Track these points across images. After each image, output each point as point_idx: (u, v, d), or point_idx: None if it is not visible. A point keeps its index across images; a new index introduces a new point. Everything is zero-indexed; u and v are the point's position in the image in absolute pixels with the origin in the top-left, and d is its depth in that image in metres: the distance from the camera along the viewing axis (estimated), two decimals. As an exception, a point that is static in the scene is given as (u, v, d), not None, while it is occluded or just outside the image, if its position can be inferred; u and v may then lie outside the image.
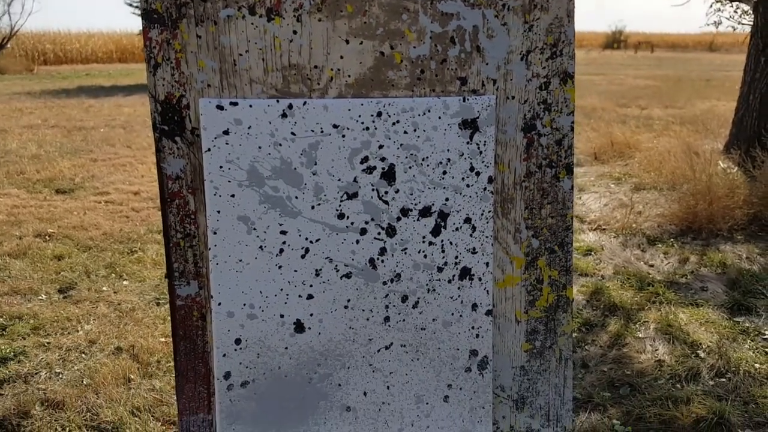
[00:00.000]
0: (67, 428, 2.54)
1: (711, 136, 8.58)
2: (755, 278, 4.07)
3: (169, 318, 3.78)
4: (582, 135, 9.06)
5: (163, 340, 3.39)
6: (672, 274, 4.30)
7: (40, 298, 3.83)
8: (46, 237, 4.91)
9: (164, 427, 2.62)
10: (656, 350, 3.27)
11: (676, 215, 5.26)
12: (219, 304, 1.16)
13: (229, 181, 1.13)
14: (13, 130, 9.68)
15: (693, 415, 2.64)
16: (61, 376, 2.96)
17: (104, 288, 4.07)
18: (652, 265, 4.48)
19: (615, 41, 41.35)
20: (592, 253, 4.69)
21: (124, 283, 4.20)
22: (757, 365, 3.05)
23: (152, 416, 2.68)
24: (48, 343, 3.26)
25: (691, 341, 3.32)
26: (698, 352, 3.22)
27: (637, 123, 10.24)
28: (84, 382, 2.89)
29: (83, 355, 3.17)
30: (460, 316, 1.24)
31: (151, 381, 2.97)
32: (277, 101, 1.13)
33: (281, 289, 1.17)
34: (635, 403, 2.77)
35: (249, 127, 1.13)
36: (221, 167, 1.13)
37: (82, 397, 2.76)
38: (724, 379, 2.96)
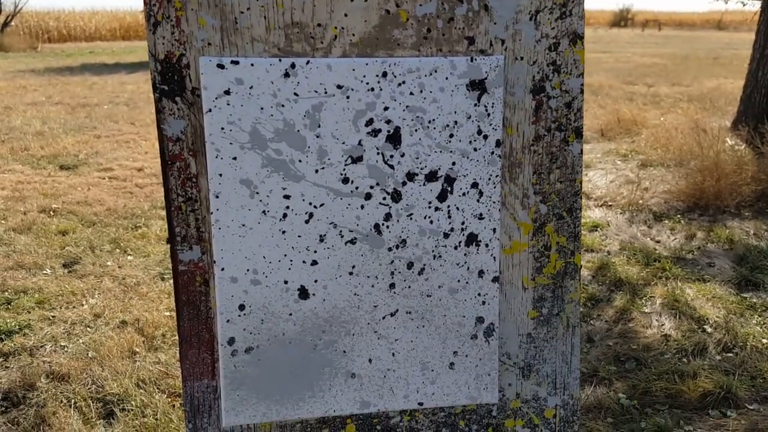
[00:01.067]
0: (73, 400, 2.54)
1: (718, 113, 8.50)
2: (763, 254, 4.04)
3: (173, 292, 3.76)
4: (589, 112, 8.99)
5: (167, 314, 3.38)
6: (679, 250, 4.27)
7: (45, 272, 3.83)
8: (51, 212, 4.90)
9: (169, 399, 2.62)
10: (662, 325, 3.25)
11: (683, 192, 5.22)
12: (222, 269, 1.14)
13: (230, 143, 1.11)
14: (18, 107, 9.65)
15: (700, 390, 2.62)
16: (66, 349, 2.96)
17: (109, 263, 4.06)
18: (658, 241, 4.45)
19: (622, 19, 40.95)
20: (599, 229, 4.66)
21: (129, 258, 4.19)
22: (764, 340, 3.03)
23: (157, 388, 2.68)
24: (53, 316, 3.26)
25: (698, 316, 3.30)
26: (705, 327, 3.20)
27: (644, 100, 10.16)
28: (89, 355, 2.89)
29: (88, 328, 3.17)
30: (467, 282, 1.22)
31: (156, 354, 2.97)
32: (280, 60, 1.10)
33: (285, 255, 1.15)
34: (641, 377, 2.76)
35: (251, 87, 1.10)
36: (222, 129, 1.10)
37: (87, 370, 2.76)
38: (731, 354, 2.95)
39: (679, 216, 4.93)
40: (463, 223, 1.20)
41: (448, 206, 1.19)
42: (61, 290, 3.56)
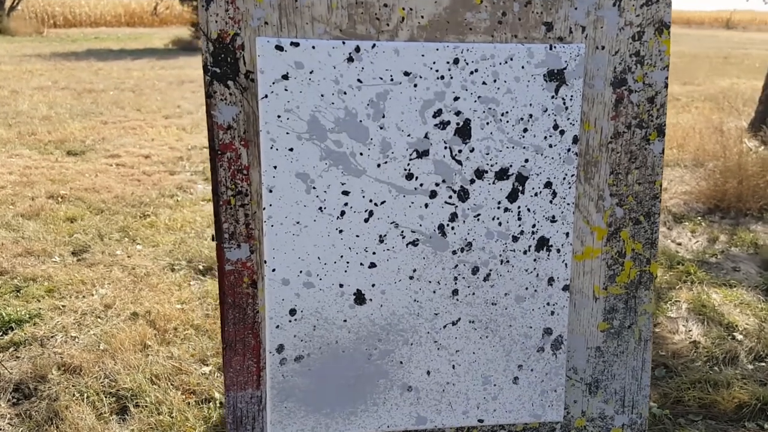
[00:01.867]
0: (85, 394, 2.45)
1: (734, 113, 8.38)
2: (790, 260, 3.94)
3: (185, 285, 3.66)
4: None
5: (179, 306, 3.29)
6: (701, 253, 4.17)
7: (54, 260, 3.74)
8: (59, 198, 4.80)
9: (184, 396, 2.53)
10: (690, 331, 3.16)
11: (703, 193, 5.11)
12: (273, 270, 1.04)
13: (287, 133, 1.01)
14: (24, 91, 9.55)
15: (735, 400, 2.53)
16: (77, 340, 2.86)
17: (118, 252, 3.97)
18: (679, 243, 4.36)
19: (630, 17, 40.58)
20: (618, 229, 4.55)
21: (138, 247, 4.10)
22: (798, 349, 2.93)
23: (172, 384, 2.59)
24: (63, 306, 3.17)
25: (727, 323, 3.21)
26: (735, 334, 3.10)
27: (657, 99, 10.01)
28: (101, 347, 2.80)
29: (99, 319, 3.08)
30: (535, 290, 1.12)
31: (169, 348, 2.88)
32: (343, 43, 1.00)
33: (341, 256, 1.05)
34: (672, 386, 2.67)
35: (311, 72, 1.00)
36: (279, 117, 1.00)
37: (99, 363, 2.66)
38: (763, 364, 2.85)
39: (699, 218, 4.83)
40: (534, 225, 1.10)
41: (519, 207, 1.09)
42: (70, 279, 3.46)
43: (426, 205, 1.06)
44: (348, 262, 1.06)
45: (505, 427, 1.18)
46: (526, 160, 1.07)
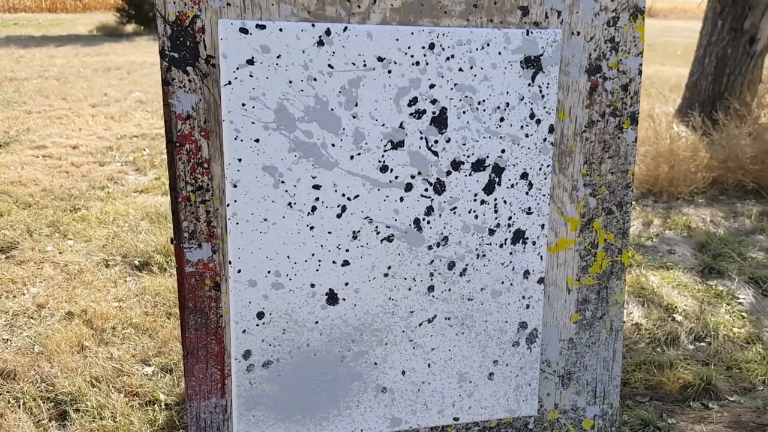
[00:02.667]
0: (22, 400, 2.30)
1: (662, 99, 8.63)
2: (723, 242, 4.07)
3: (121, 282, 3.50)
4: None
5: (116, 304, 3.14)
6: (637, 236, 4.27)
7: (-21, 258, 3.51)
8: (-19, 193, 4.53)
9: (127, 399, 2.41)
10: (631, 313, 3.22)
11: (636, 178, 5.24)
12: (239, 271, 0.97)
13: (252, 123, 0.94)
14: (-64, 77, 8.99)
15: (680, 381, 2.59)
16: (9, 343, 2.70)
17: (48, 248, 3.77)
18: (618, 228, 4.45)
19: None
20: (559, 215, 4.62)
21: (69, 242, 3.90)
22: (735, 329, 3.03)
23: (113, 387, 2.46)
24: (-9, 307, 2.98)
25: (666, 304, 3.29)
26: (674, 315, 3.18)
27: (588, 86, 10.22)
28: (35, 350, 2.64)
29: (32, 320, 2.91)
30: (511, 284, 1.09)
31: (108, 349, 2.74)
32: (313, 26, 0.94)
33: (313, 254, 0.99)
34: (619, 369, 2.71)
35: (278, 57, 0.93)
36: (243, 105, 0.93)
37: (34, 366, 2.51)
38: (703, 344, 2.93)
39: (633, 202, 4.95)
40: (510, 218, 1.06)
41: (495, 199, 1.05)
42: (-2, 278, 3.26)
43: (401, 199, 1.01)
44: (320, 261, 1.00)
45: (480, 424, 1.14)
46: (503, 151, 1.03)
